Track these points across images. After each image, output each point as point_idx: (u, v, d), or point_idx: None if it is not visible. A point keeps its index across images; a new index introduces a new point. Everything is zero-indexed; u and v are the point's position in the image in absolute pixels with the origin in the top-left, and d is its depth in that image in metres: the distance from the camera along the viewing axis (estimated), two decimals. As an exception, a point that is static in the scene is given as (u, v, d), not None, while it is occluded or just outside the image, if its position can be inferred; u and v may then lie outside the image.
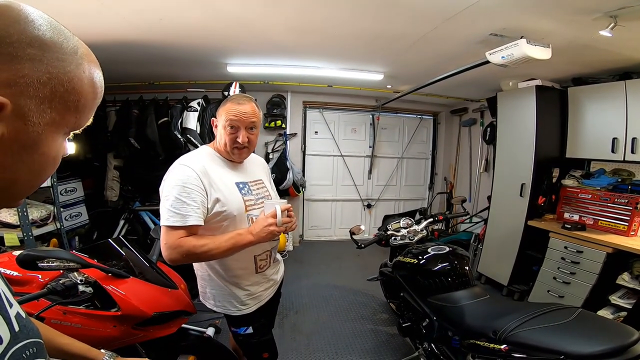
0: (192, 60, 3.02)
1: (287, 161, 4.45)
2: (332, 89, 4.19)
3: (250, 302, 1.34)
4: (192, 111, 3.60)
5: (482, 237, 3.67)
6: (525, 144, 3.12)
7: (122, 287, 1.36)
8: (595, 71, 2.86)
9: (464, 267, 1.76)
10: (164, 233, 1.13)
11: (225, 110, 1.23)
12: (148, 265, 1.58)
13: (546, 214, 3.15)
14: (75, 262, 1.22)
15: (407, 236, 2.23)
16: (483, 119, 4.58)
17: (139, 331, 1.37)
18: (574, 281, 2.61)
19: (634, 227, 2.48)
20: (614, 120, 2.69)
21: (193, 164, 1.18)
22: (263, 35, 2.41)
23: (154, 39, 2.45)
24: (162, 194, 1.16)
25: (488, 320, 1.36)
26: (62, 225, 2.73)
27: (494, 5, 1.73)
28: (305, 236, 5.14)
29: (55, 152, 0.41)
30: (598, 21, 1.76)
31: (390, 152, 5.34)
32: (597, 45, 2.17)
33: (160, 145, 3.65)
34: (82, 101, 0.41)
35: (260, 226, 1.16)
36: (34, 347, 0.46)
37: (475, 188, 4.73)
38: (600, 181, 2.85)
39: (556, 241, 2.79)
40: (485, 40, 2.24)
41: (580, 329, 1.15)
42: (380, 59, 2.98)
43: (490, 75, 3.05)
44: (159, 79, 3.81)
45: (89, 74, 0.41)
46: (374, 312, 2.96)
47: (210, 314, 2.34)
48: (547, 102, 3.07)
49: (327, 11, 1.98)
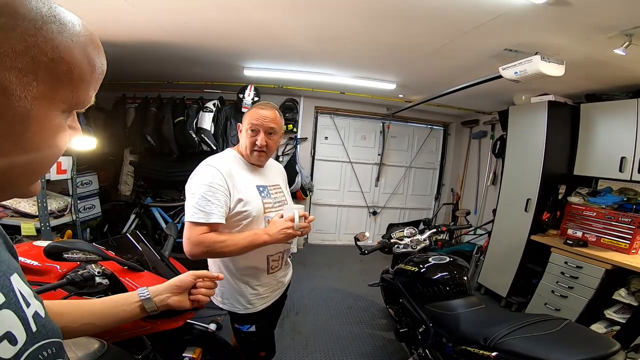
0: (210, 61, 3.12)
1: (297, 165, 4.53)
2: (344, 95, 4.26)
3: (257, 301, 1.40)
4: (208, 112, 3.71)
5: (485, 249, 3.69)
6: (533, 159, 3.14)
7: (137, 281, 1.42)
8: (609, 87, 2.85)
9: (462, 277, 1.80)
10: (188, 228, 1.21)
11: (250, 114, 1.33)
12: (161, 261, 1.66)
13: (550, 229, 3.16)
14: (97, 254, 1.28)
15: (410, 245, 2.28)
16: (494, 132, 4.59)
17: (148, 323, 1.42)
18: (571, 295, 2.64)
19: (636, 245, 2.50)
20: (623, 138, 2.69)
21: (219, 166, 1.26)
22: (282, 41, 2.49)
23: (177, 40, 2.56)
24: (189, 192, 1.24)
25: (480, 327, 1.41)
26: (78, 217, 2.84)
27: (512, 21, 1.77)
28: (309, 239, 5.20)
29: (54, 132, 0.38)
30: (613, 39, 1.78)
31: (399, 160, 5.38)
32: (611, 62, 2.18)
33: (175, 143, 3.77)
34: (76, 72, 0.37)
35: (278, 228, 1.24)
36: (52, 348, 0.45)
37: (481, 200, 4.73)
38: (607, 200, 2.85)
39: (557, 256, 2.81)
40: (500, 55, 2.27)
41: (565, 339, 1.20)
42: (394, 68, 3.04)
43: (504, 88, 3.07)
44: (178, 79, 3.93)
45: (81, 44, 0.38)
46: (372, 317, 3.01)
47: (214, 310, 2.43)
48: (559, 118, 3.08)
49: (348, 22, 2.05)
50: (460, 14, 1.79)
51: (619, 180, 2.81)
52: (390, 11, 1.85)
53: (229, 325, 2.37)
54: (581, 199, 3.06)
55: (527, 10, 1.62)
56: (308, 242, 5.17)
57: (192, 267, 1.69)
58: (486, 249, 3.65)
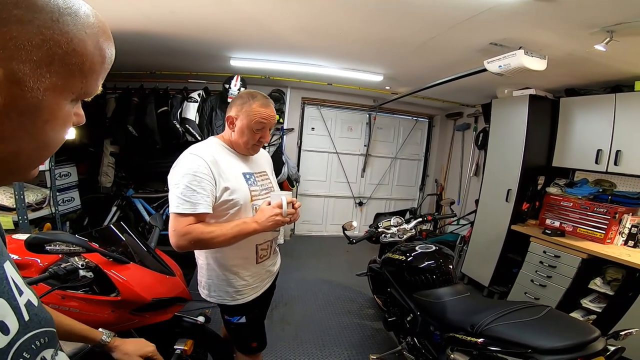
0: (196, 52, 3.05)
1: (283, 155, 4.50)
2: (331, 87, 4.25)
3: (247, 292, 1.39)
4: (193, 102, 3.63)
5: (468, 239, 3.79)
6: (514, 151, 3.22)
7: (123, 273, 1.39)
8: (588, 83, 2.95)
9: (448, 266, 1.85)
10: (173, 220, 1.18)
11: (253, 111, 1.27)
12: (147, 252, 1.63)
13: (529, 219, 3.27)
14: (81, 246, 1.24)
15: (397, 234, 2.32)
16: (477, 124, 4.68)
17: (136, 317, 1.39)
18: (549, 284, 2.74)
19: (611, 235, 2.62)
20: (600, 132, 2.79)
21: (203, 154, 1.22)
22: (272, 33, 2.45)
23: (163, 30, 2.47)
24: (172, 182, 1.20)
25: (467, 315, 1.46)
26: (57, 210, 2.74)
27: (498, 16, 1.79)
28: (296, 230, 5.21)
29: (63, 120, 0.39)
30: (595, 35, 1.82)
31: (385, 151, 5.43)
32: (592, 58, 2.25)
33: (158, 134, 3.68)
34: (88, 64, 0.38)
35: (266, 215, 1.22)
36: (45, 337, 0.45)
37: (464, 191, 4.85)
38: (583, 190, 2.98)
39: (536, 245, 2.91)
40: (485, 49, 2.31)
41: (547, 325, 1.25)
42: (382, 61, 3.05)
43: (487, 82, 3.13)
44: (161, 69, 3.82)
45: (94, 36, 0.38)
46: (360, 307, 3.06)
47: (201, 303, 2.41)
48: (539, 111, 3.17)
49: (339, 14, 2.04)
50: (449, 7, 1.80)
51: (595, 172, 2.93)
52: (382, 4, 1.85)
53: (218, 318, 2.37)
54: (559, 189, 3.17)
55: (514, 5, 1.65)
56: (295, 233, 5.18)
57: (178, 258, 1.68)
58: (469, 239, 3.75)
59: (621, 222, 2.61)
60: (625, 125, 2.62)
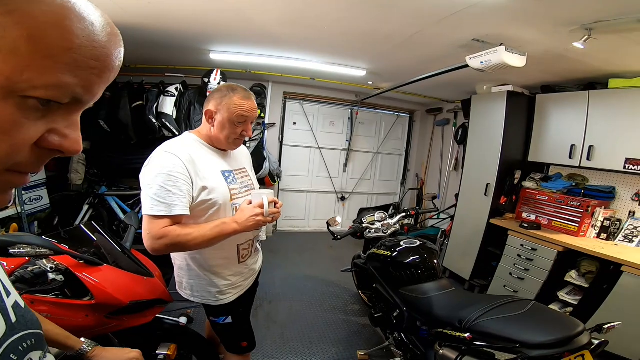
0: (174, 45, 2.93)
1: (264, 150, 4.43)
2: (314, 81, 4.19)
3: (230, 291, 1.35)
4: (170, 96, 3.49)
5: (449, 233, 3.87)
6: (493, 146, 3.30)
7: (95, 275, 1.32)
8: (564, 80, 3.04)
9: (433, 261, 1.86)
10: (147, 222, 1.10)
11: (234, 104, 1.21)
12: (122, 253, 1.55)
13: (507, 213, 3.36)
14: (48, 248, 1.17)
15: (381, 229, 2.33)
16: (456, 119, 4.77)
17: (113, 320, 1.34)
18: (527, 277, 2.83)
19: (584, 228, 2.73)
20: (574, 128, 2.89)
21: (178, 152, 1.15)
22: (254, 24, 2.38)
23: (139, 22, 2.35)
24: (144, 182, 1.12)
25: (454, 310, 1.47)
26: (24, 210, 2.57)
27: (483, 11, 1.80)
28: (279, 226, 5.16)
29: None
30: (574, 33, 1.86)
31: (366, 146, 5.45)
32: (569, 56, 2.31)
33: (132, 129, 3.53)
34: (26, 41, 0.27)
35: (247, 215, 1.16)
36: (32, 339, 0.44)
37: (444, 185, 4.95)
38: (557, 184, 3.09)
39: (514, 239, 2.99)
40: (467, 45, 2.33)
41: (533, 320, 1.28)
42: (365, 55, 3.02)
43: (467, 78, 3.18)
44: (136, 62, 3.65)
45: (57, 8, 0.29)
46: (345, 303, 3.06)
47: (183, 304, 2.34)
48: (516, 107, 3.25)
49: (325, 7, 2.00)
50: (435, 3, 1.79)
51: (569, 166, 3.04)
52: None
53: (201, 318, 2.31)
54: (534, 183, 3.28)
55: (500, 0, 1.66)
56: (277, 229, 5.12)
57: (156, 258, 1.60)
58: (450, 233, 3.83)
59: (594, 216, 2.73)
60: (598, 122, 2.72)
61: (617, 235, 2.67)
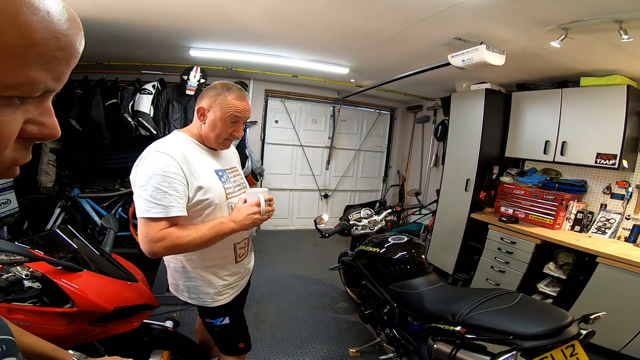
0: (151, 41, 2.81)
1: (246, 149, 4.34)
2: (295, 79, 4.17)
3: (227, 292, 1.33)
4: (146, 94, 3.34)
5: (431, 228, 3.95)
6: (472, 142, 3.39)
7: (75, 282, 1.25)
8: (538, 79, 3.15)
9: (420, 256, 1.89)
10: (144, 225, 1.07)
11: (228, 103, 1.18)
12: (102, 257, 1.47)
13: (486, 207, 3.47)
14: (22, 255, 1.10)
15: (368, 226, 2.34)
16: (436, 117, 4.87)
17: (97, 327, 1.27)
18: (508, 270, 2.92)
19: (559, 221, 2.85)
20: (548, 124, 3.02)
21: (171, 151, 1.11)
22: (236, 20, 2.32)
23: (114, 17, 2.25)
24: (138, 184, 1.08)
25: (445, 305, 1.49)
26: (-11, 214, 2.40)
27: (466, 10, 1.83)
28: (262, 225, 5.06)
29: None
30: (551, 32, 1.93)
31: (348, 144, 5.47)
32: (545, 55, 2.40)
33: (106, 128, 3.35)
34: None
35: (244, 214, 1.16)
36: (3, 345, 0.43)
37: (425, 181, 5.05)
38: (532, 179, 3.22)
39: (494, 233, 3.09)
40: (449, 43, 2.37)
41: (524, 312, 1.32)
42: (348, 53, 3.02)
43: (447, 76, 3.24)
44: (109, 59, 3.48)
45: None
46: (334, 300, 3.06)
47: (167, 307, 2.25)
48: (494, 104, 3.35)
49: (307, 3, 1.97)
50: (419, 1, 1.81)
51: (543, 161, 3.17)
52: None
53: (188, 321, 2.24)
54: (511, 178, 3.41)
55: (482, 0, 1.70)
56: (260, 228, 5.04)
57: (136, 261, 1.54)
58: (432, 228, 3.91)
59: (568, 209, 2.86)
60: (570, 118, 2.85)
61: (590, 227, 2.81)
